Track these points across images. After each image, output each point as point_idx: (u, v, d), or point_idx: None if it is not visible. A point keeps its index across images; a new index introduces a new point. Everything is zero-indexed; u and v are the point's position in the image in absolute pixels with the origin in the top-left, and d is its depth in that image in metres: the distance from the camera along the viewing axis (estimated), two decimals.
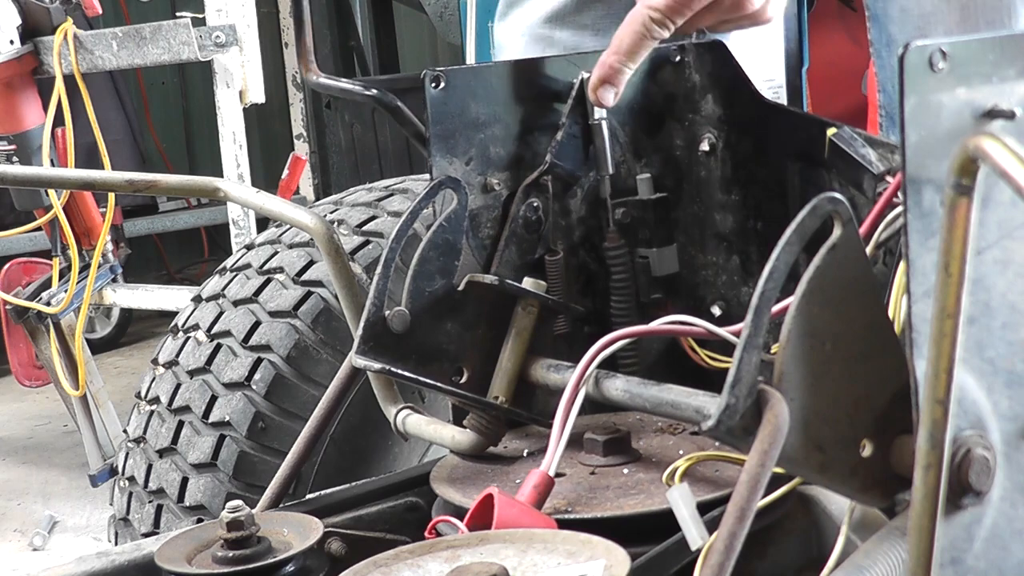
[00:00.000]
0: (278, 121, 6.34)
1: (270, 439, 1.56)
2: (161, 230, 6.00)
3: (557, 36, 1.79)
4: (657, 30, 1.18)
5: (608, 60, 1.19)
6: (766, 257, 0.81)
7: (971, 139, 0.70)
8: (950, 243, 0.72)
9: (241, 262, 1.73)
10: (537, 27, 1.81)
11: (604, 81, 1.20)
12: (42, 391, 4.17)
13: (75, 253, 3.45)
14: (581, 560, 0.87)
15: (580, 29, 1.90)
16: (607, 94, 1.20)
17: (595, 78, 1.20)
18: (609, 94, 1.20)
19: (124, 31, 3.30)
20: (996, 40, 0.79)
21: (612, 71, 1.19)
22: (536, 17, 1.82)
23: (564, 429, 1.04)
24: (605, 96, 1.20)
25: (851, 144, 1.17)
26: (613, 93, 1.20)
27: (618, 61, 1.19)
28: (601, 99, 1.20)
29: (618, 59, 1.19)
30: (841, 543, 0.92)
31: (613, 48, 1.19)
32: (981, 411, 0.80)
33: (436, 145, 1.20)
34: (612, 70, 1.19)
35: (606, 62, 1.19)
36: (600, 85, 1.20)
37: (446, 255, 1.17)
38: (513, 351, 1.20)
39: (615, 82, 1.20)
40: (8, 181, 1.52)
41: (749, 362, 0.81)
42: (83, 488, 3.55)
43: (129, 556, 1.14)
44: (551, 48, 1.79)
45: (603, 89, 1.20)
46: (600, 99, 1.20)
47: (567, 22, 1.78)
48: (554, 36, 1.80)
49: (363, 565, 0.91)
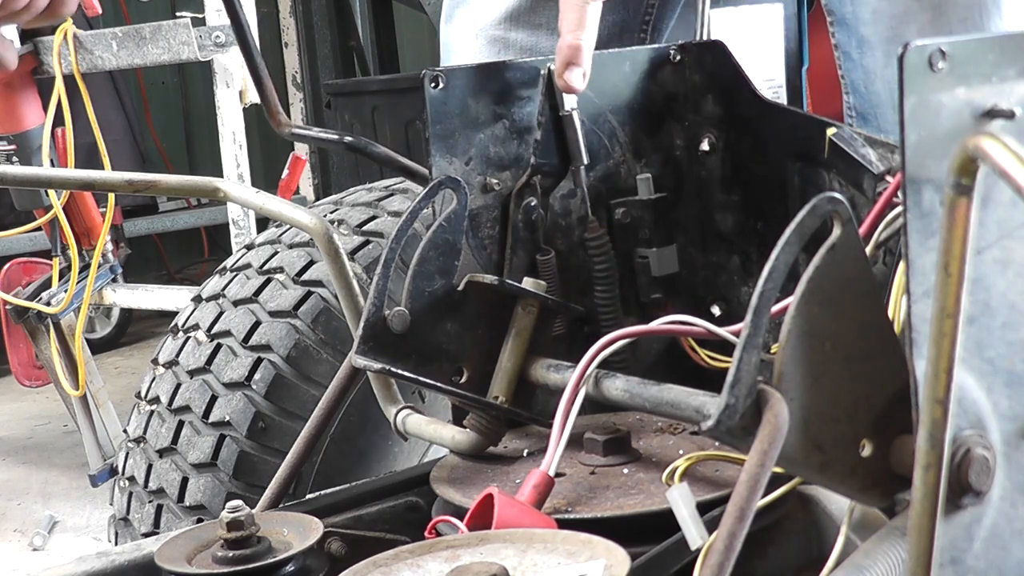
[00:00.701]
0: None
1: (270, 439, 1.56)
2: (161, 230, 6.00)
3: (512, 37, 1.79)
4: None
5: (564, 43, 1.17)
6: (766, 257, 0.81)
7: (971, 139, 0.70)
8: (950, 243, 0.72)
9: (241, 262, 1.73)
10: (491, 28, 1.80)
11: (568, 63, 1.17)
12: (42, 391, 4.17)
13: (75, 253, 3.45)
14: (581, 560, 0.87)
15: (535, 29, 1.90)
16: (575, 76, 1.17)
17: (558, 65, 1.18)
18: (577, 75, 1.17)
19: (124, 31, 3.30)
20: (996, 40, 0.79)
21: (572, 50, 1.16)
22: (489, 18, 1.81)
23: (564, 429, 1.04)
24: (574, 79, 1.17)
25: (851, 144, 1.17)
26: (581, 74, 1.17)
27: (574, 38, 1.16)
28: (571, 83, 1.17)
29: (573, 36, 1.16)
30: (841, 543, 0.92)
31: (564, 30, 1.17)
32: (981, 411, 0.80)
33: (435, 145, 1.20)
34: (571, 49, 1.16)
35: (563, 45, 1.17)
36: (565, 69, 1.17)
37: (446, 255, 1.17)
38: (513, 351, 1.20)
39: (578, 61, 1.17)
40: (8, 181, 1.52)
41: (749, 362, 0.81)
42: (83, 488, 3.55)
43: (129, 556, 1.14)
44: (507, 49, 1.79)
45: (569, 72, 1.17)
46: (570, 83, 1.17)
47: (522, 22, 1.78)
48: (509, 37, 1.79)
49: (363, 565, 0.91)
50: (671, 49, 1.31)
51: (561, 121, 1.23)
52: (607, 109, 1.29)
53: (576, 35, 1.16)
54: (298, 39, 5.89)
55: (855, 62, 1.90)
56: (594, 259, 1.28)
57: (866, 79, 1.89)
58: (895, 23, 1.81)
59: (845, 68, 1.93)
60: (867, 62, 1.87)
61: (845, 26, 1.89)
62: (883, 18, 1.82)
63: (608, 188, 1.30)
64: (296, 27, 5.88)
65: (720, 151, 1.31)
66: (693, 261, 1.34)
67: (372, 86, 4.69)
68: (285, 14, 5.93)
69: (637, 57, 1.30)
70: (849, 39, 1.90)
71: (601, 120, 1.29)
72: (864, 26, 1.85)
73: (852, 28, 1.88)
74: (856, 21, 1.87)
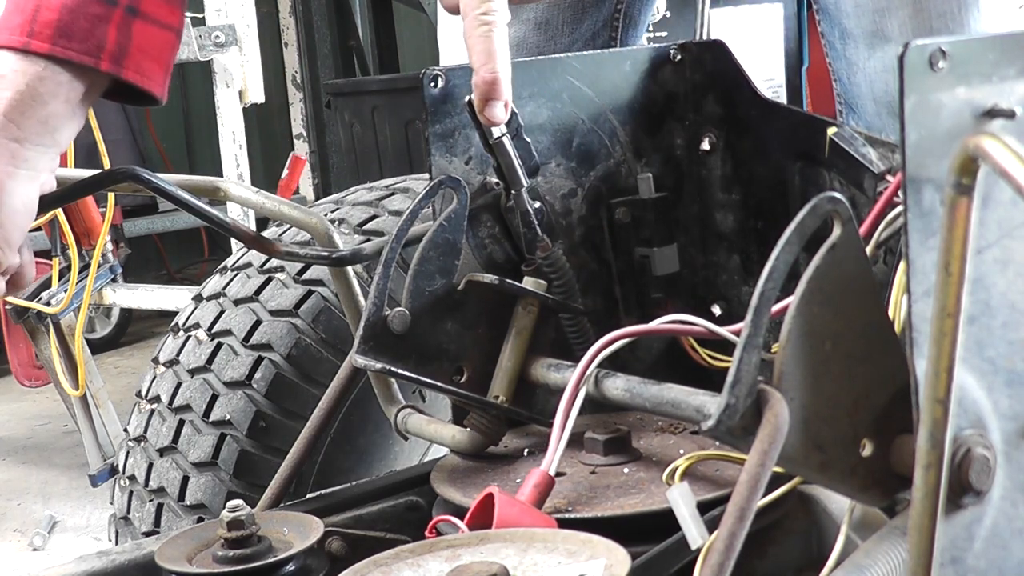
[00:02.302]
0: (278, 121, 6.34)
1: (271, 438, 1.56)
2: (161, 230, 6.01)
3: None
4: (489, 18, 1.09)
5: (478, 78, 1.09)
6: (766, 256, 0.81)
7: (971, 138, 0.70)
8: (950, 242, 0.72)
9: (242, 261, 1.73)
10: None
11: (486, 99, 1.10)
12: (42, 391, 4.17)
13: (75, 253, 3.44)
14: (581, 559, 0.87)
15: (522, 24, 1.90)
16: (495, 110, 1.10)
17: (477, 101, 1.10)
18: (497, 109, 1.10)
19: None
20: (996, 39, 0.79)
21: (487, 85, 1.09)
22: None
23: (564, 428, 1.04)
24: (494, 114, 1.10)
25: (851, 143, 1.17)
26: (501, 105, 1.10)
27: (487, 72, 1.09)
28: (492, 118, 1.10)
29: (486, 70, 1.09)
30: (841, 542, 0.92)
31: (475, 64, 1.10)
32: (981, 410, 0.80)
33: (435, 144, 1.20)
34: (487, 84, 1.09)
35: (477, 80, 1.10)
36: (484, 105, 1.10)
37: (446, 255, 1.17)
38: (513, 350, 1.20)
39: (496, 95, 1.09)
40: None
41: (749, 362, 0.81)
42: (83, 488, 3.54)
43: (129, 555, 1.14)
44: None
45: (488, 107, 1.10)
46: (491, 118, 1.10)
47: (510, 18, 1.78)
48: None
49: (363, 564, 0.91)
50: (671, 48, 1.31)
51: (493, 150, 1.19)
52: (607, 109, 1.29)
53: (488, 68, 1.08)
54: (298, 39, 5.89)
55: (838, 52, 1.91)
56: (551, 276, 1.23)
57: (848, 70, 1.90)
58: (877, 16, 1.82)
59: (831, 57, 1.94)
60: (849, 53, 1.88)
61: (828, 16, 1.91)
62: (865, 11, 1.83)
63: (608, 188, 1.30)
64: (296, 27, 5.89)
65: (720, 150, 1.31)
66: (693, 260, 1.34)
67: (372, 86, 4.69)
68: (285, 14, 5.93)
69: (637, 56, 1.30)
70: (832, 29, 1.91)
71: (601, 120, 1.29)
72: (846, 18, 1.87)
73: (835, 19, 1.89)
74: (839, 13, 1.88)
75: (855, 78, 1.89)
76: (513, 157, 1.19)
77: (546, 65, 1.26)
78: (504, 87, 1.09)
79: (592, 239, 1.30)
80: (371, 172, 4.52)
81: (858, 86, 1.88)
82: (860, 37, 1.85)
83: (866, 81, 1.86)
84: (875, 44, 1.83)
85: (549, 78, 1.25)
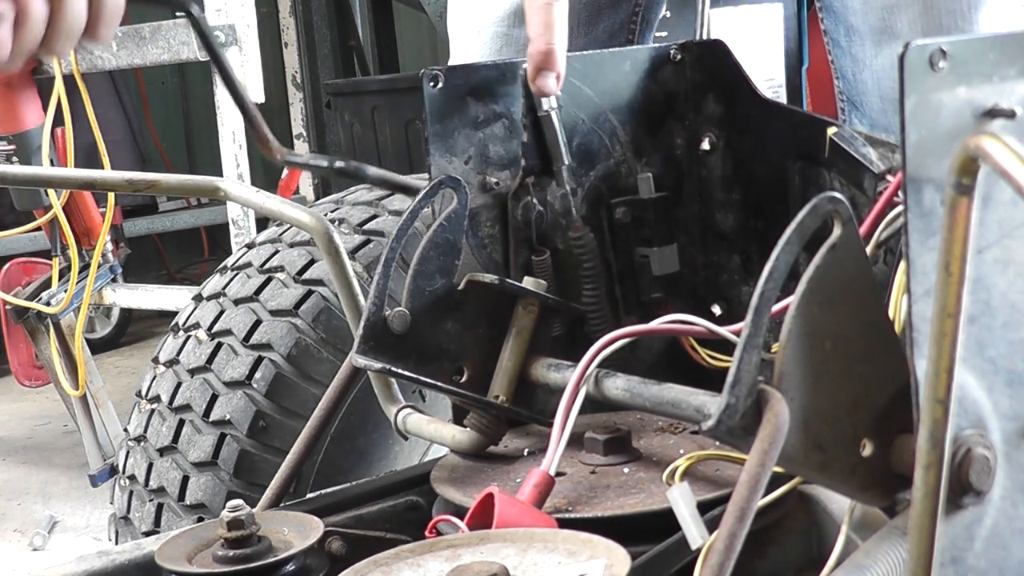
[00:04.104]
0: (278, 121, 6.34)
1: (271, 438, 1.56)
2: (161, 230, 6.01)
3: (516, 33, 1.79)
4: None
5: (534, 48, 1.16)
6: (766, 256, 0.81)
7: (971, 138, 0.70)
8: (950, 242, 0.72)
9: (242, 261, 1.73)
10: (495, 25, 1.80)
11: (539, 69, 1.17)
12: (42, 391, 4.17)
13: (75, 253, 3.45)
14: (582, 559, 0.87)
15: None
16: (547, 81, 1.17)
17: (531, 70, 1.18)
18: (549, 80, 1.17)
19: (124, 31, 3.30)
20: (996, 39, 0.79)
21: (542, 55, 1.16)
22: (493, 15, 1.81)
23: (564, 428, 1.04)
24: (546, 84, 1.17)
25: (851, 143, 1.17)
26: (553, 77, 1.17)
27: (544, 43, 1.15)
28: (543, 88, 1.18)
29: (543, 41, 1.15)
30: (841, 542, 0.92)
31: (532, 34, 1.16)
32: (981, 410, 0.80)
33: (435, 144, 1.20)
34: (541, 55, 1.16)
35: (532, 51, 1.17)
36: (537, 74, 1.17)
37: (446, 254, 1.17)
38: (513, 350, 1.20)
39: (550, 66, 1.17)
40: (8, 181, 1.53)
41: (749, 362, 0.81)
42: (83, 488, 3.55)
43: (129, 555, 1.14)
44: (508, 46, 1.79)
45: (541, 77, 1.17)
46: (542, 88, 1.18)
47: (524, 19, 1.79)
48: (512, 34, 1.79)
49: (363, 564, 0.91)
50: (672, 48, 1.31)
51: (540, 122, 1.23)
52: (608, 108, 1.29)
53: (545, 39, 1.15)
54: (298, 39, 5.89)
55: (843, 49, 1.90)
56: (581, 258, 1.27)
57: (854, 67, 1.89)
58: (885, 13, 1.81)
59: (834, 54, 1.93)
60: (856, 51, 1.87)
61: (833, 13, 1.90)
62: (873, 8, 1.82)
63: (609, 187, 1.30)
64: (296, 27, 5.88)
65: (721, 150, 1.31)
66: (694, 260, 1.34)
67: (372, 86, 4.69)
68: (285, 14, 5.93)
69: (638, 56, 1.30)
70: (837, 27, 1.90)
71: (602, 119, 1.29)
72: (853, 15, 1.86)
73: (840, 16, 1.88)
74: (845, 10, 1.87)
75: (861, 75, 1.88)
76: (559, 131, 1.22)
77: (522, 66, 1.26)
78: (560, 59, 1.15)
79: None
80: None
81: (864, 83, 1.88)
82: (867, 34, 1.84)
83: (873, 78, 1.86)
84: (883, 41, 1.82)
85: None
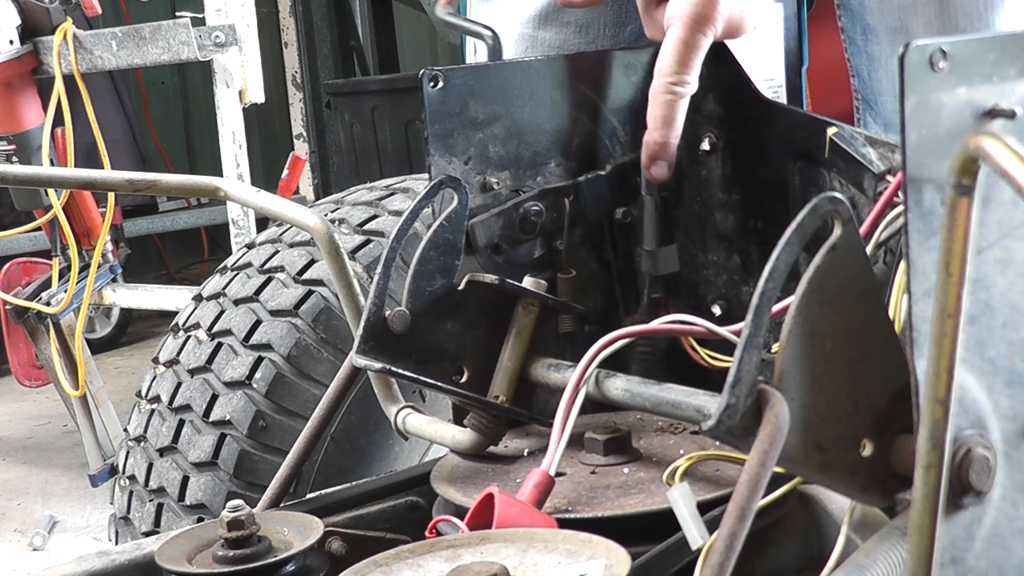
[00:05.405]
0: (278, 121, 6.35)
1: (271, 438, 1.56)
2: (161, 230, 6.01)
3: (541, 35, 1.79)
4: (680, 89, 1.20)
5: (650, 139, 1.22)
6: (766, 256, 0.81)
7: (972, 139, 0.70)
8: (950, 242, 0.72)
9: (242, 261, 1.73)
10: (521, 27, 1.80)
11: (653, 158, 1.22)
12: (42, 391, 4.17)
13: (75, 253, 3.45)
14: (582, 559, 0.87)
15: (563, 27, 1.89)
16: (659, 170, 1.23)
17: (644, 158, 1.23)
18: (661, 169, 1.23)
19: (124, 31, 3.30)
20: (996, 39, 0.79)
21: (657, 147, 1.22)
22: (519, 17, 1.81)
23: (565, 428, 1.04)
24: (658, 172, 1.23)
25: (851, 143, 1.17)
26: (665, 166, 1.23)
27: (660, 136, 1.21)
28: (656, 176, 1.23)
29: (659, 134, 1.21)
30: (841, 543, 0.92)
31: (651, 127, 1.21)
32: (982, 410, 0.80)
33: (434, 144, 1.20)
34: (656, 146, 1.22)
35: (648, 141, 1.22)
36: (652, 163, 1.23)
37: (446, 254, 1.17)
38: (514, 350, 1.20)
39: (663, 156, 1.22)
40: (8, 181, 1.52)
41: (749, 362, 0.81)
42: (83, 488, 3.55)
43: (129, 555, 1.14)
44: (534, 47, 1.79)
45: (656, 167, 1.23)
46: (654, 176, 1.23)
47: (551, 21, 1.78)
48: (538, 36, 1.79)
49: (363, 564, 0.91)
50: None
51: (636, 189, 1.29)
52: (607, 109, 1.29)
53: (663, 133, 1.21)
54: (298, 39, 5.90)
55: (859, 48, 1.90)
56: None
57: (870, 66, 1.89)
58: (902, 13, 1.81)
59: (850, 52, 1.93)
60: (872, 49, 1.87)
61: (850, 12, 1.89)
62: (890, 8, 1.82)
63: (609, 187, 1.30)
64: (296, 27, 5.89)
65: (720, 151, 1.31)
66: (694, 260, 1.34)
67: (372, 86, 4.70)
68: (285, 14, 5.93)
69: (638, 56, 1.30)
70: (854, 25, 1.90)
71: (601, 119, 1.29)
72: (870, 14, 1.85)
73: (857, 15, 1.88)
74: (862, 8, 1.87)
75: (876, 74, 1.88)
76: (652, 217, 1.28)
77: (546, 65, 1.26)
78: (671, 152, 1.22)
79: (592, 239, 1.30)
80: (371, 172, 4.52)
81: (879, 82, 1.88)
82: (883, 33, 1.84)
83: (888, 78, 1.86)
84: (898, 41, 1.81)
85: (549, 78, 1.25)
